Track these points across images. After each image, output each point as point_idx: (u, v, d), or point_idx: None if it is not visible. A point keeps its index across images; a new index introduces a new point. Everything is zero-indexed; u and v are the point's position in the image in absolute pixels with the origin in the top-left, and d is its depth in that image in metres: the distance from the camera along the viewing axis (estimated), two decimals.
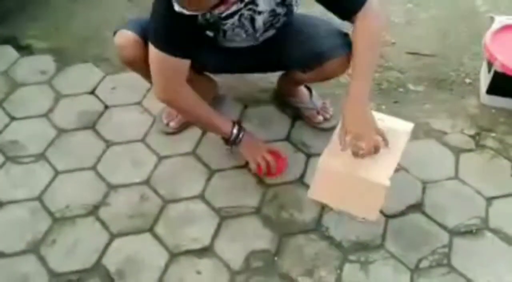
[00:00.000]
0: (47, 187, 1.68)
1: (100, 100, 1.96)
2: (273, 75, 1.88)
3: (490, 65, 1.84)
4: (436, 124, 1.83)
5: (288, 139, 1.81)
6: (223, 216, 1.59)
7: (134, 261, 1.49)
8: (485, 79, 1.91)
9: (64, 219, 1.59)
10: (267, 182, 1.67)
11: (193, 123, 1.81)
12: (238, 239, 1.54)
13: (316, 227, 1.56)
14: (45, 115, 1.91)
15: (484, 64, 1.94)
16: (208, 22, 1.44)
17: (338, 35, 1.56)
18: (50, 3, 2.41)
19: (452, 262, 1.47)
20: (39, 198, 1.65)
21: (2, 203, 1.64)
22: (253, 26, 1.50)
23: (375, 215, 1.49)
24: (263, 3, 1.44)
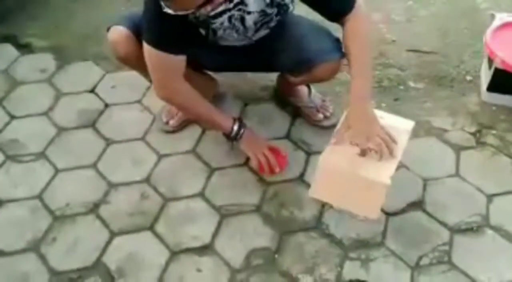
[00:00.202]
0: (47, 185, 1.68)
1: (100, 99, 1.96)
2: (273, 73, 1.88)
3: (491, 62, 1.84)
4: (436, 122, 1.83)
5: (288, 137, 1.81)
6: (224, 214, 1.59)
7: (135, 259, 1.49)
8: (485, 77, 1.91)
9: (64, 217, 1.59)
10: (267, 180, 1.67)
11: (193, 120, 1.81)
12: (239, 237, 1.54)
13: (317, 225, 1.56)
14: (45, 114, 1.91)
15: (485, 62, 1.93)
16: (198, 20, 1.43)
17: (329, 39, 1.56)
18: (49, 1, 2.41)
19: (453, 260, 1.47)
20: (39, 197, 1.65)
21: (2, 202, 1.64)
22: (244, 26, 1.49)
23: (376, 213, 1.48)
24: (253, 4, 1.43)
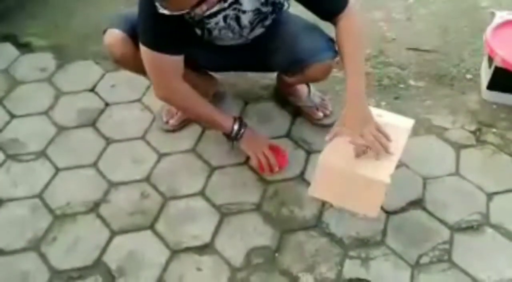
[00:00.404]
0: (47, 185, 1.68)
1: (100, 98, 1.96)
2: (273, 72, 1.87)
3: (491, 60, 1.84)
4: (436, 120, 1.83)
5: (289, 136, 1.81)
6: (224, 212, 1.59)
7: (135, 258, 1.49)
8: (486, 75, 1.90)
9: (65, 216, 1.60)
10: (267, 178, 1.67)
11: (194, 120, 1.81)
12: (239, 235, 1.54)
13: (317, 224, 1.56)
14: (45, 113, 1.91)
15: (485, 60, 1.93)
16: (193, 20, 1.43)
17: (322, 39, 1.56)
18: (49, 0, 2.41)
19: (453, 258, 1.47)
20: (39, 196, 1.65)
21: (2, 201, 1.64)
22: (239, 25, 1.49)
23: (375, 212, 1.48)
24: (247, 3, 1.42)
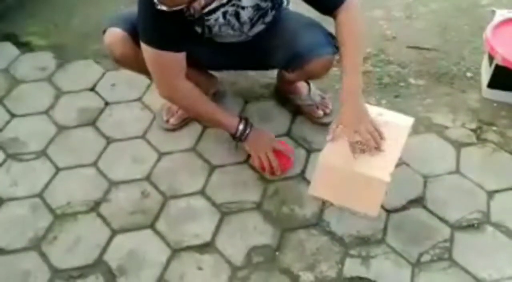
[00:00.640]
0: (48, 184, 1.68)
1: (101, 97, 1.96)
2: (274, 71, 1.87)
3: (491, 59, 1.84)
4: (437, 119, 1.83)
5: (289, 134, 1.81)
6: (224, 211, 1.59)
7: (136, 257, 1.49)
8: (486, 73, 1.90)
9: (65, 216, 1.60)
10: (268, 177, 1.67)
11: (197, 119, 1.81)
12: (239, 234, 1.54)
13: (317, 222, 1.56)
14: (46, 112, 1.91)
15: (485, 58, 1.93)
16: (193, 17, 1.43)
17: (322, 35, 1.55)
18: (49, 0, 2.40)
19: (454, 256, 1.47)
20: (40, 195, 1.65)
21: (3, 200, 1.64)
22: (239, 21, 1.49)
23: (376, 210, 1.48)
24: None
